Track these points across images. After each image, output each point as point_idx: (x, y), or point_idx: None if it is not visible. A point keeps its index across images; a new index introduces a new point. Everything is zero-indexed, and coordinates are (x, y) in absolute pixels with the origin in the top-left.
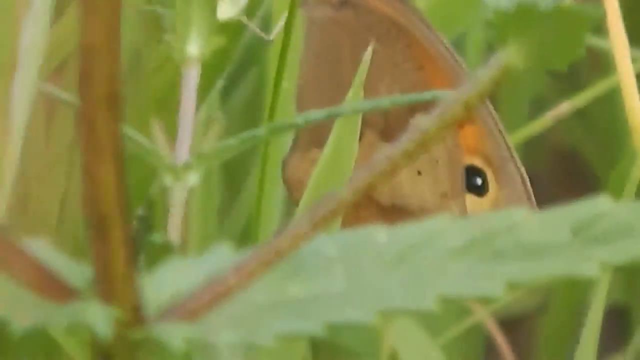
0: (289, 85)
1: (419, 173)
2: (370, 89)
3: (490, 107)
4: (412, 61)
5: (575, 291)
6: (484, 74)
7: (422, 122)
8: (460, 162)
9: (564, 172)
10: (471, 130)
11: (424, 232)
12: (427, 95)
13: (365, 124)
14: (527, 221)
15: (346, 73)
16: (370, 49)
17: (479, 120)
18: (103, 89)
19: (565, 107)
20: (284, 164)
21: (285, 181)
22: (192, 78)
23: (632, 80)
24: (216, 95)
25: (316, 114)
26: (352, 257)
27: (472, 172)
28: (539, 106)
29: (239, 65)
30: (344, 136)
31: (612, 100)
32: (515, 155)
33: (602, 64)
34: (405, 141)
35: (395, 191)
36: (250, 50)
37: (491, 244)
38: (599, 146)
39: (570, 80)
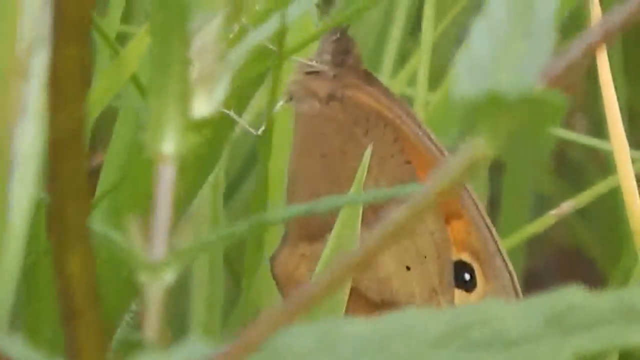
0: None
1: (408, 268)
2: None
3: (478, 200)
4: (399, 155)
5: None
6: (454, 164)
7: (394, 213)
8: (449, 257)
9: (568, 270)
10: (459, 225)
11: (402, 322)
12: (410, 187)
13: None
14: (504, 312)
15: (334, 167)
16: (370, 147)
17: (467, 214)
18: (71, 183)
19: (567, 206)
20: (273, 260)
21: (275, 277)
22: (167, 176)
23: (633, 183)
24: (196, 189)
25: (300, 208)
26: (329, 348)
27: (460, 267)
28: (541, 205)
29: (244, 162)
30: (346, 229)
31: (615, 198)
32: (503, 249)
33: (604, 162)
34: (378, 232)
35: (384, 286)
36: (254, 147)
37: (468, 334)
38: (602, 245)
39: (573, 178)
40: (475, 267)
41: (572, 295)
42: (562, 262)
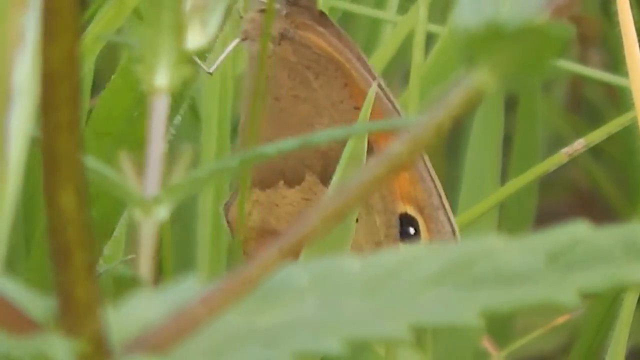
0: None
1: (356, 220)
2: (308, 127)
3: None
4: (349, 100)
5: (598, 333)
6: (454, 97)
7: (393, 147)
8: (395, 210)
9: (582, 210)
10: (404, 176)
11: (398, 260)
12: (407, 120)
13: (305, 166)
14: (504, 248)
15: (287, 110)
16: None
17: (411, 166)
18: (63, 115)
19: (580, 144)
20: (226, 207)
21: (228, 224)
22: (160, 109)
23: None
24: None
25: (293, 142)
26: (323, 286)
27: (405, 220)
28: (555, 144)
29: None
30: (351, 163)
31: (630, 138)
32: (446, 202)
33: (620, 100)
34: (376, 165)
35: None
36: None
37: (467, 271)
38: (616, 185)
39: (587, 117)
40: (420, 221)
41: (576, 231)
42: (576, 203)
